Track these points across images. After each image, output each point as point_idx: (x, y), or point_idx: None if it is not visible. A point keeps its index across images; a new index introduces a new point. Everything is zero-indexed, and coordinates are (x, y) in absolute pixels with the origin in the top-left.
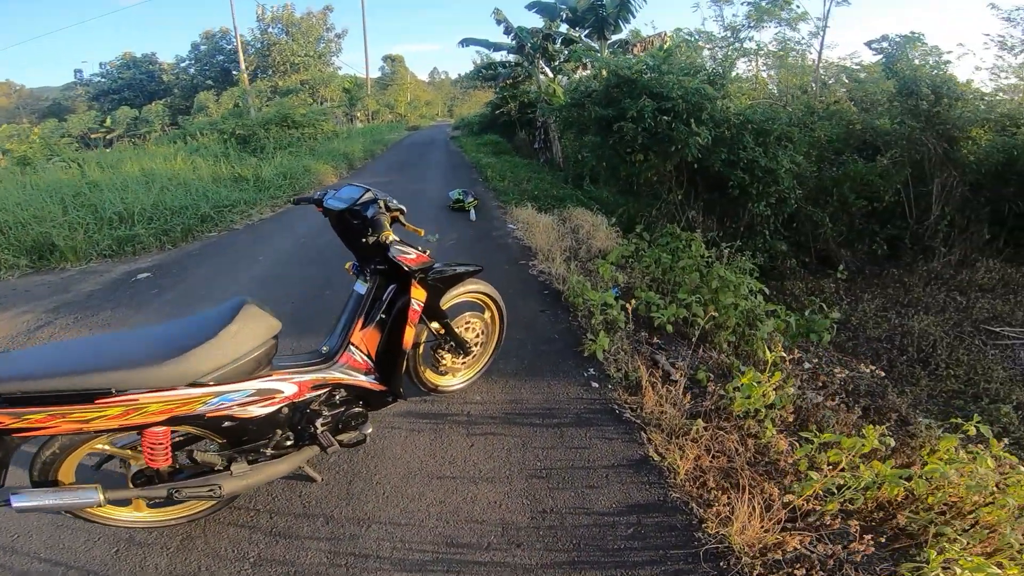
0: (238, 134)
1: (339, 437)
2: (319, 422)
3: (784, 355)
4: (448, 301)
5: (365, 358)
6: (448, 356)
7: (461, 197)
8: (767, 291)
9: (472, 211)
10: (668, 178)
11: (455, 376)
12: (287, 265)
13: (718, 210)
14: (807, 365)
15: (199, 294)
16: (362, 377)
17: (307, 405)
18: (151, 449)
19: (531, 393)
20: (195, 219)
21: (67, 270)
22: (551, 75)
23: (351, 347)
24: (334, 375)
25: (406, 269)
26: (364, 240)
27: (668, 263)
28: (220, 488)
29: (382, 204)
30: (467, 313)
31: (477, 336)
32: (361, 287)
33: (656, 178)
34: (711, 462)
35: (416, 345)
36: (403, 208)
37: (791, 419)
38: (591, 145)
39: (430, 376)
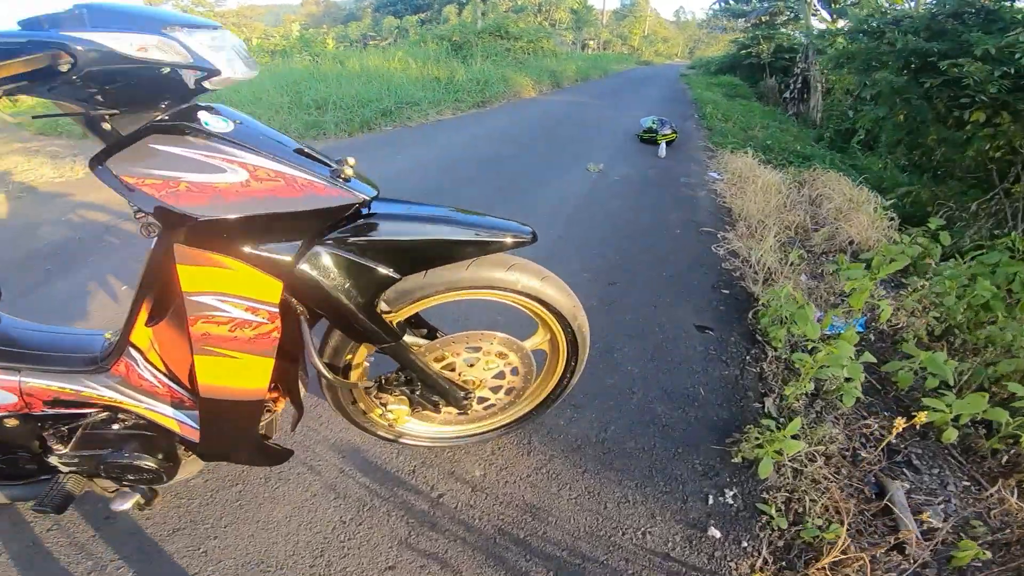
0: (454, 40)
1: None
2: (58, 459)
3: None
4: (432, 295)
5: (163, 378)
6: (396, 403)
7: (655, 126)
8: None
9: (663, 145)
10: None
11: (440, 423)
12: (419, 168)
13: None
14: None
15: None
16: (162, 408)
17: (48, 425)
18: None
19: (573, 510)
20: (376, 112)
21: None
22: (828, 17)
23: (132, 352)
24: (96, 391)
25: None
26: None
27: (985, 299)
28: None
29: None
30: (487, 334)
31: (500, 379)
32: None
33: (997, 154)
34: None
35: (344, 366)
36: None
37: None
38: (885, 90)
39: (384, 414)
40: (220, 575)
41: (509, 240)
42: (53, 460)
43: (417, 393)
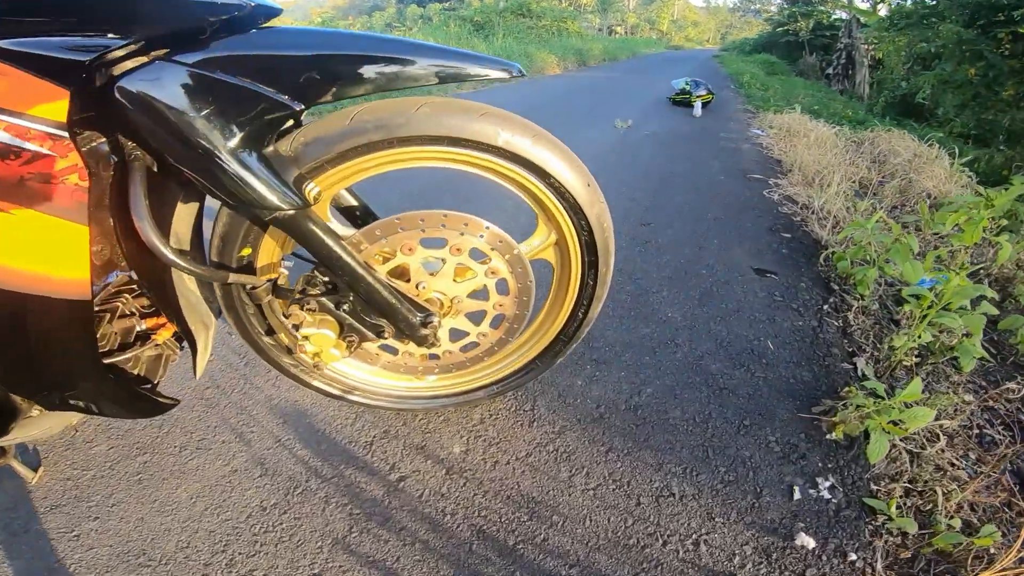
0: (476, 21)
1: None
2: None
3: None
4: (360, 151)
5: None
6: (315, 321)
7: (688, 87)
8: None
9: (698, 105)
10: None
11: (405, 371)
12: None
13: None
14: None
15: None
16: None
17: None
18: None
19: (591, 507)
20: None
21: None
22: None
23: None
24: None
25: None
26: None
27: None
28: None
29: None
30: (455, 216)
31: (482, 299)
32: None
33: None
34: None
35: (243, 263)
36: None
37: None
38: (950, 44)
39: (300, 344)
40: (86, 567)
41: (483, 71)
42: None
43: (345, 308)
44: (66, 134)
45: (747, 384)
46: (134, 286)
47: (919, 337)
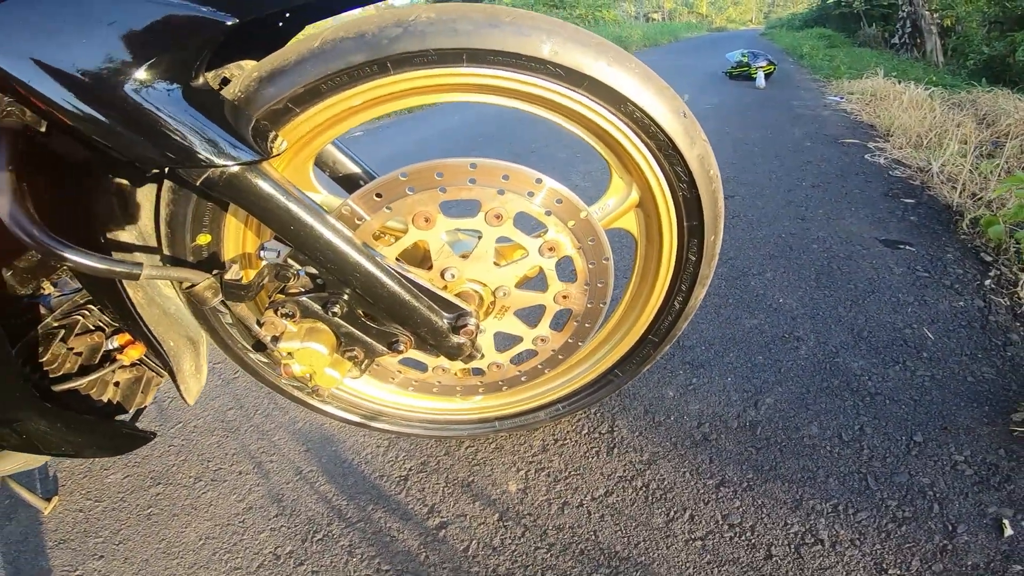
0: None
1: None
2: None
3: None
4: (346, 92)
5: None
6: (298, 336)
7: (745, 59)
8: None
9: (760, 76)
10: None
11: (439, 392)
12: (480, 119)
13: None
14: None
15: (393, 140)
16: None
17: None
18: None
19: (699, 563)
20: None
21: None
22: None
23: None
24: None
25: None
26: None
27: None
28: None
29: None
30: (487, 165)
31: (539, 290)
32: None
33: None
34: None
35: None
36: None
37: None
38: None
39: (285, 366)
40: None
41: None
42: None
43: (337, 311)
44: None
45: (908, 386)
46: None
47: None
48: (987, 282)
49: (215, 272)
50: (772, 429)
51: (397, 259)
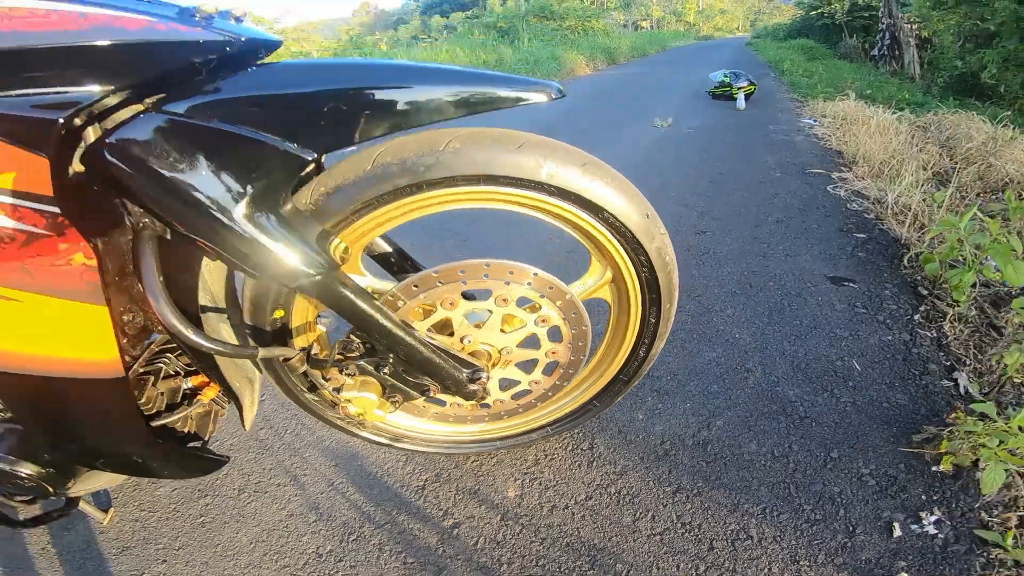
0: (499, 26)
1: None
2: None
3: None
4: (387, 197)
5: None
6: (358, 388)
7: (727, 80)
8: None
9: (741, 97)
10: None
11: (454, 420)
12: None
13: None
14: None
15: None
16: None
17: None
18: None
19: (658, 554)
20: None
21: None
22: None
23: None
24: None
25: None
26: None
27: None
28: None
29: None
30: (499, 265)
31: (533, 347)
32: None
33: None
34: None
35: (277, 327)
36: None
37: None
38: (1005, 22)
39: (343, 407)
40: None
41: (516, 94)
42: None
43: (386, 371)
44: (57, 209)
45: (832, 411)
46: (175, 344)
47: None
48: (916, 317)
49: (302, 348)
50: (720, 447)
51: (428, 330)
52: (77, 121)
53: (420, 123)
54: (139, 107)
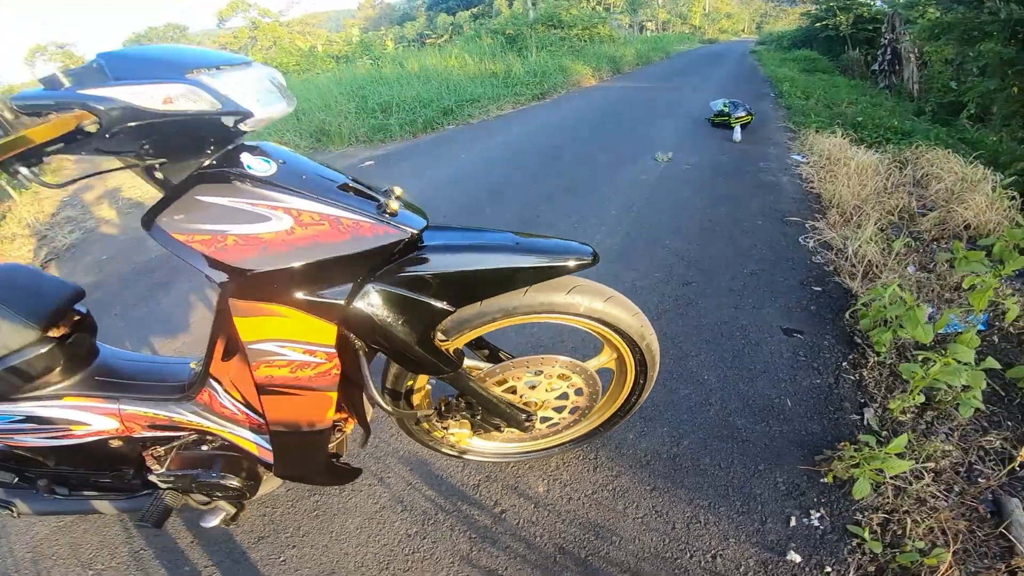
0: (508, 33)
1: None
2: (157, 477)
3: None
4: (490, 321)
5: (241, 407)
6: (458, 426)
7: (727, 109)
8: None
9: (737, 129)
10: None
11: (503, 440)
12: (486, 166)
13: None
14: None
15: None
16: (242, 432)
17: (147, 446)
18: None
19: (639, 530)
20: (438, 112)
21: (330, 152)
22: None
23: (212, 383)
24: (185, 417)
25: (216, 263)
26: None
27: None
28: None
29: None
30: (548, 358)
31: (564, 399)
32: None
33: None
34: None
35: (406, 392)
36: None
37: None
38: (993, 63)
39: (446, 436)
40: None
41: (570, 264)
42: (152, 478)
43: (478, 417)
44: (335, 349)
45: (765, 436)
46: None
47: (914, 399)
48: (844, 363)
49: (429, 405)
50: (684, 460)
51: (502, 391)
52: (347, 301)
53: (514, 288)
54: (366, 282)
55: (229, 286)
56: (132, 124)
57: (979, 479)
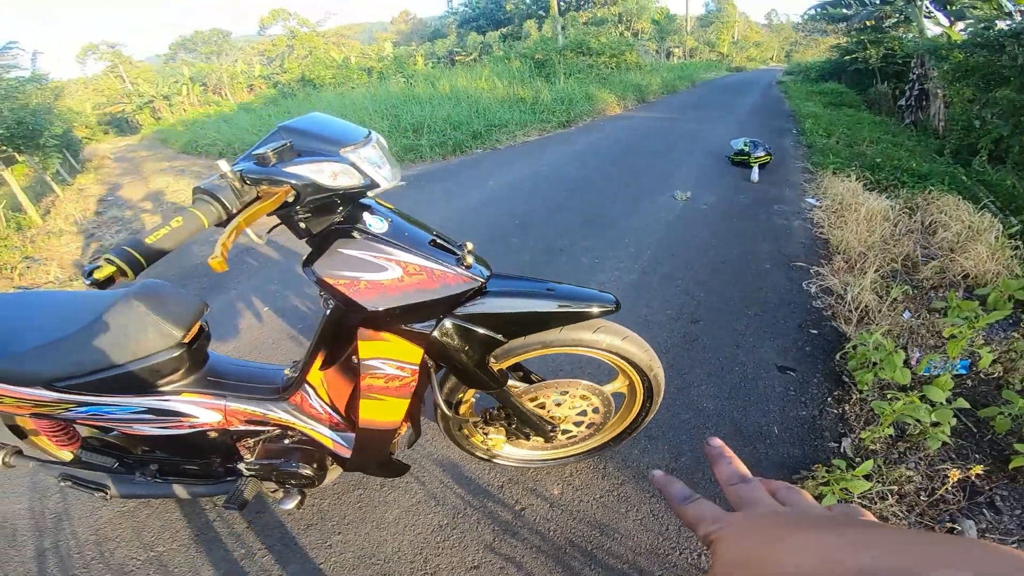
0: (537, 58)
1: (275, 492)
2: (244, 465)
3: None
4: (531, 351)
5: (328, 409)
6: (496, 432)
7: (747, 148)
8: None
9: (755, 169)
10: None
11: (529, 448)
12: (512, 194)
13: None
14: None
15: (421, 211)
16: (323, 430)
17: (238, 438)
18: (50, 435)
19: (637, 530)
20: (467, 135)
21: None
22: (944, 20)
23: (306, 387)
24: (278, 415)
25: (351, 302)
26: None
27: None
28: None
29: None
30: (573, 382)
31: (583, 416)
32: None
33: None
34: None
35: (456, 402)
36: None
37: None
38: (1007, 109)
39: (481, 439)
40: (341, 566)
41: (595, 310)
42: (240, 466)
43: (513, 426)
44: (418, 367)
45: (751, 459)
46: None
47: (884, 431)
48: (829, 399)
49: (473, 414)
50: (680, 474)
51: (533, 406)
52: (431, 331)
53: (547, 329)
54: (445, 317)
55: (355, 317)
56: (313, 196)
57: (940, 503)
